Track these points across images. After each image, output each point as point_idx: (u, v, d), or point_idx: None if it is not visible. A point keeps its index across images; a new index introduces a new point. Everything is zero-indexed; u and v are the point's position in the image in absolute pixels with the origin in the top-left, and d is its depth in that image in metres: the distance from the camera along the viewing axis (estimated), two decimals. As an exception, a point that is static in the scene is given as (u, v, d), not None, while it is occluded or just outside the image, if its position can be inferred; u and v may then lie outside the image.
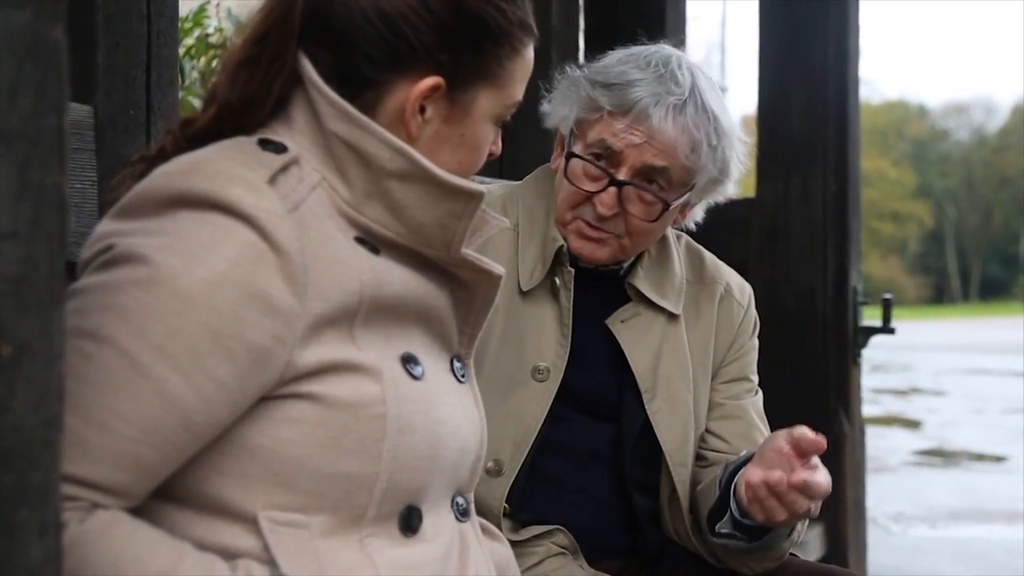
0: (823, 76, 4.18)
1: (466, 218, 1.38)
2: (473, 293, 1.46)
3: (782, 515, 1.80)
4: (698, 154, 1.96)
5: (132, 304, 1.19)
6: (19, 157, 0.90)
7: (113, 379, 1.17)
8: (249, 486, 1.26)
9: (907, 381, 16.97)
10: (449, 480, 1.40)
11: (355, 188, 1.35)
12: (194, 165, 1.28)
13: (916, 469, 9.26)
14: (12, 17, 0.89)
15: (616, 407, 2.07)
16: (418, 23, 1.35)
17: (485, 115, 1.42)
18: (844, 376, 4.16)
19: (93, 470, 1.17)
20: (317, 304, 1.25)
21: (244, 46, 1.39)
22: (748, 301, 2.18)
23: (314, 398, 1.26)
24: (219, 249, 1.21)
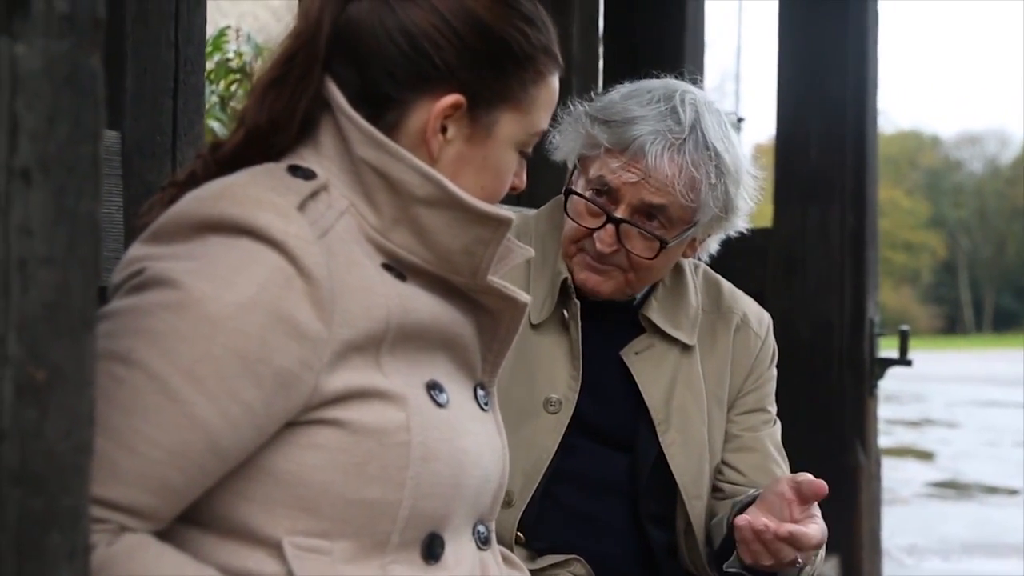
0: (841, 107, 4.19)
1: (493, 245, 1.38)
2: (498, 321, 1.47)
3: (767, 560, 1.81)
4: (697, 192, 1.95)
5: (162, 328, 1.20)
6: (56, 184, 0.91)
7: (142, 402, 1.17)
8: (273, 511, 1.26)
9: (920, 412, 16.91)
10: (471, 508, 1.40)
11: (383, 214, 1.35)
12: (225, 191, 1.29)
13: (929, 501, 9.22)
14: (52, 46, 0.90)
15: (630, 438, 2.07)
16: (441, 42, 1.36)
17: (508, 140, 1.42)
18: (860, 408, 4.15)
19: (121, 493, 1.17)
20: (344, 330, 1.26)
21: (271, 68, 1.40)
22: (766, 331, 2.18)
23: (339, 424, 1.27)
24: (248, 274, 1.22)
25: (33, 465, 0.89)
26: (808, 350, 4.13)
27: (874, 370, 4.18)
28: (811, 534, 1.78)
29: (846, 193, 4.19)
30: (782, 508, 1.81)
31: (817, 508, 1.84)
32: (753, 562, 1.83)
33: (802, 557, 1.80)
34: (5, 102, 0.88)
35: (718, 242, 2.13)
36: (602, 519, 2.04)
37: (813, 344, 4.16)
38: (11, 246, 0.88)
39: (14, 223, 0.88)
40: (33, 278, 0.89)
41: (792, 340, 4.01)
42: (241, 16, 7.10)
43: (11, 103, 0.88)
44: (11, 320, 0.88)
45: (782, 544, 1.77)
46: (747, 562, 1.86)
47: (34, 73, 0.89)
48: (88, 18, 0.93)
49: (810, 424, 3.99)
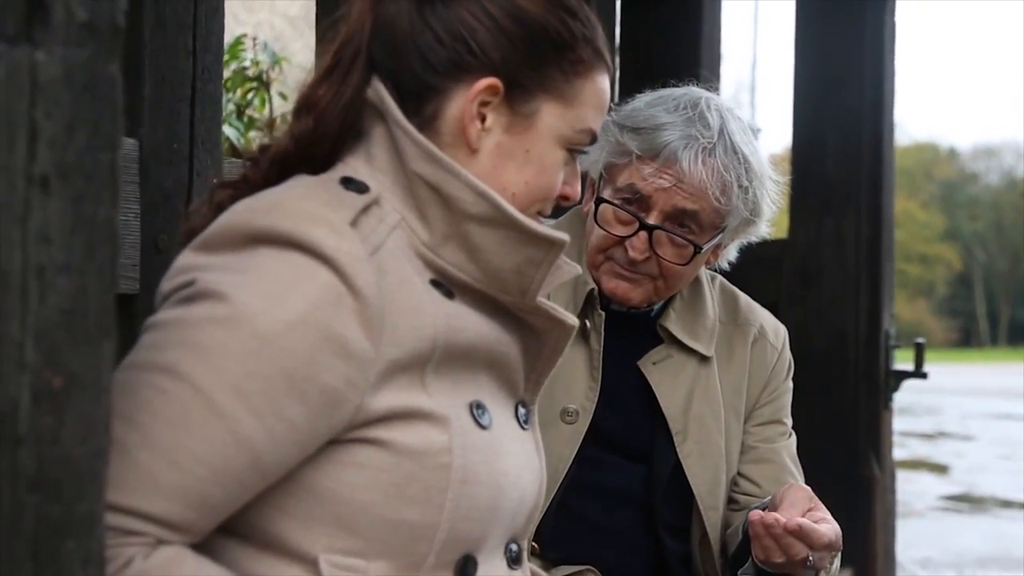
0: (858, 119, 4.18)
1: (545, 266, 1.37)
2: (543, 341, 1.46)
3: (779, 556, 1.81)
4: (728, 196, 1.96)
5: (210, 342, 1.18)
6: (74, 191, 0.91)
7: (187, 416, 1.16)
8: (311, 528, 1.25)
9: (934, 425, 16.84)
10: (506, 528, 1.39)
11: (434, 230, 1.34)
12: (278, 203, 1.28)
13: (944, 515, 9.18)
14: (71, 54, 0.91)
15: (647, 449, 2.06)
16: (477, 27, 1.35)
17: (550, 132, 1.40)
18: (875, 420, 4.13)
19: (161, 506, 1.15)
20: (392, 349, 1.25)
21: (318, 72, 1.40)
22: (782, 343, 2.18)
23: (381, 444, 1.26)
24: (299, 290, 1.21)
25: (49, 471, 0.90)
26: (823, 362, 4.12)
27: (889, 382, 4.17)
28: (822, 531, 1.78)
29: (862, 204, 4.18)
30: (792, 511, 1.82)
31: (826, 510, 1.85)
32: (765, 558, 1.83)
33: (814, 557, 1.80)
34: (24, 109, 0.89)
35: (737, 248, 2.12)
36: (618, 529, 2.04)
37: (828, 356, 4.15)
38: (29, 253, 0.89)
39: (32, 230, 0.89)
40: (51, 285, 0.90)
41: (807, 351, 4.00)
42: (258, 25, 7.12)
43: (30, 111, 0.89)
44: (28, 327, 0.89)
45: (793, 540, 1.77)
46: (759, 558, 1.85)
47: (53, 81, 0.90)
48: (107, 26, 0.93)
49: (825, 436, 3.98)
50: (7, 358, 0.87)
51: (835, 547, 1.82)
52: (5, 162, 0.87)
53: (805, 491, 1.88)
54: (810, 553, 1.79)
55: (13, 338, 0.88)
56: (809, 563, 1.81)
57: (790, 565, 1.82)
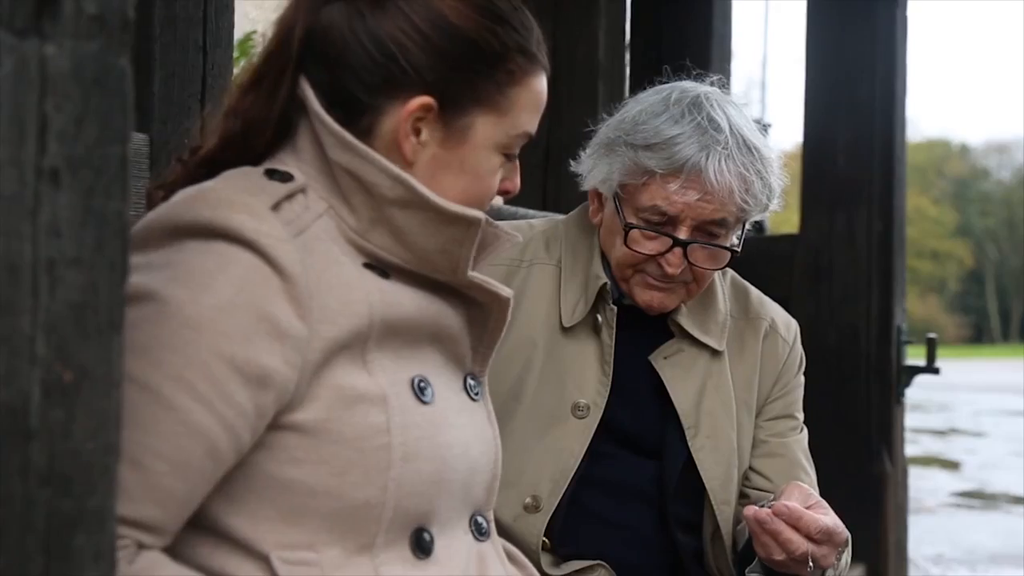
0: (870, 113, 4.16)
1: (468, 244, 1.38)
2: (487, 312, 1.47)
3: (779, 553, 1.80)
4: (753, 192, 1.95)
5: (147, 340, 1.20)
6: (84, 185, 0.91)
7: (138, 415, 1.17)
8: (258, 524, 1.27)
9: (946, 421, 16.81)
10: (461, 501, 1.40)
11: (360, 216, 1.36)
12: (197, 195, 1.30)
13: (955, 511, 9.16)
14: (81, 47, 0.90)
15: (659, 444, 2.06)
16: (408, 45, 1.36)
17: (486, 142, 1.41)
18: (887, 416, 4.12)
19: (133, 509, 1.17)
20: (325, 327, 1.26)
21: (248, 72, 1.42)
22: (794, 337, 2.17)
23: (318, 433, 1.27)
24: (224, 276, 1.23)
25: (61, 466, 0.89)
26: (835, 357, 4.10)
27: (901, 378, 4.16)
28: (815, 516, 1.78)
29: (874, 199, 4.16)
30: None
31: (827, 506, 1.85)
32: (766, 556, 1.83)
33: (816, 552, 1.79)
34: (34, 103, 0.88)
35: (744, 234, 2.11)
36: (629, 525, 2.04)
37: (840, 351, 4.14)
38: (39, 247, 0.88)
39: (42, 224, 0.88)
40: (61, 279, 0.89)
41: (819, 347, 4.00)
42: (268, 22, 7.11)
43: (40, 104, 0.89)
44: (39, 321, 0.88)
45: (789, 531, 1.77)
46: (761, 556, 1.85)
47: (63, 74, 0.90)
48: (117, 19, 0.93)
49: (836, 432, 3.97)
50: (18, 352, 0.87)
51: (836, 540, 1.81)
52: (15, 155, 0.87)
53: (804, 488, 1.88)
54: (811, 547, 1.78)
55: (24, 332, 0.87)
56: (810, 563, 1.80)
57: (793, 564, 1.81)
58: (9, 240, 0.87)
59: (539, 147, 3.43)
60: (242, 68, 1.48)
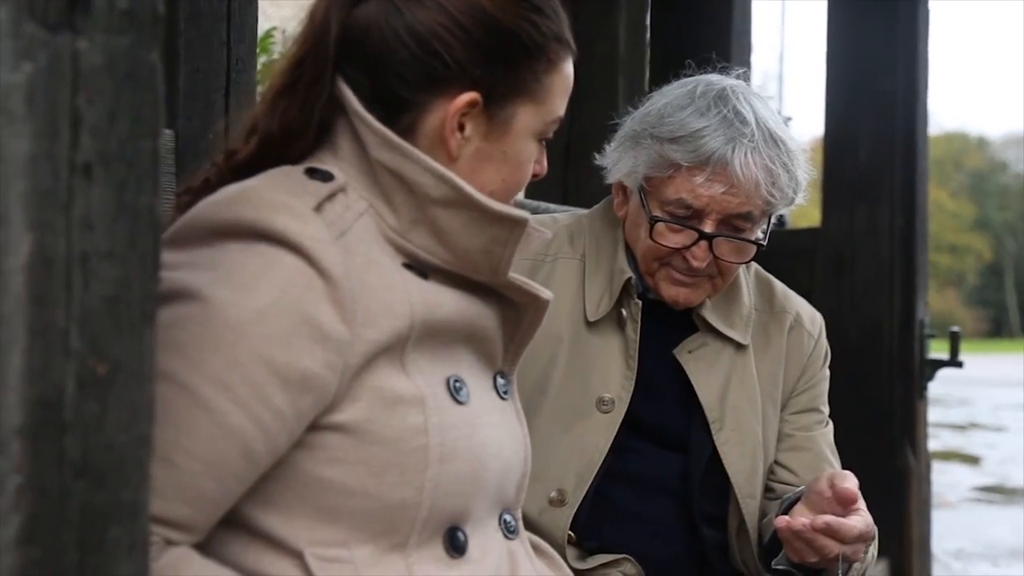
0: (891, 108, 4.15)
1: (511, 244, 1.38)
2: (522, 313, 1.46)
3: (812, 557, 1.80)
4: (779, 186, 1.95)
5: (188, 339, 1.20)
6: (116, 179, 0.91)
7: (175, 414, 1.17)
8: (292, 521, 1.27)
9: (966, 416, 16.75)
10: (493, 499, 1.40)
11: (401, 215, 1.35)
12: (240, 195, 1.29)
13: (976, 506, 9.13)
14: (112, 42, 0.91)
15: (684, 438, 2.06)
16: (451, 41, 1.35)
17: (526, 131, 1.41)
18: (910, 410, 4.11)
19: (161, 506, 1.16)
20: (367, 330, 1.26)
21: (282, 75, 1.40)
22: (819, 331, 2.17)
23: (357, 433, 1.27)
24: (267, 278, 1.22)
25: (94, 458, 0.90)
26: (857, 351, 4.09)
27: (924, 371, 4.15)
28: (851, 524, 1.77)
29: (895, 193, 4.15)
30: (823, 505, 1.81)
31: (862, 501, 1.83)
32: (798, 560, 1.83)
33: (848, 551, 1.79)
34: (67, 97, 0.88)
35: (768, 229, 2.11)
36: (654, 519, 2.03)
37: (862, 345, 4.12)
38: (73, 240, 0.88)
39: (76, 218, 0.89)
40: (94, 272, 0.90)
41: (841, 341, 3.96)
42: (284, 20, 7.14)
43: (73, 99, 0.89)
44: (73, 314, 0.89)
45: (824, 539, 1.77)
46: (794, 560, 1.85)
47: (95, 68, 0.90)
48: (148, 13, 0.93)
49: (859, 426, 3.95)
50: (52, 345, 0.87)
51: (866, 537, 1.81)
52: (49, 150, 0.87)
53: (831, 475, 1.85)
54: (844, 549, 1.78)
55: (58, 325, 0.88)
56: (843, 558, 1.80)
57: (824, 562, 1.81)
58: (43, 234, 0.87)
59: (559, 141, 3.43)
60: (272, 70, 1.46)
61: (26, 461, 0.86)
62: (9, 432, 0.86)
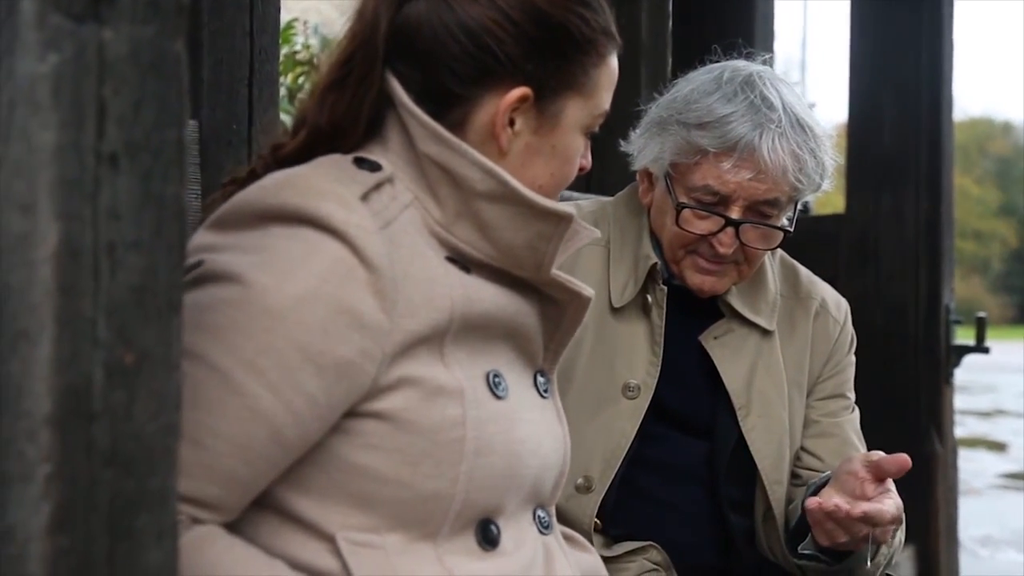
0: (916, 92, 4.12)
1: (556, 240, 1.38)
2: (563, 311, 1.46)
3: (842, 537, 1.80)
4: (806, 172, 1.94)
5: (224, 322, 1.20)
6: (142, 168, 0.91)
7: (206, 396, 1.18)
8: (326, 505, 1.27)
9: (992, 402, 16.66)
10: (528, 495, 1.40)
11: (446, 208, 1.35)
12: (288, 180, 1.29)
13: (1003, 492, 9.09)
14: (137, 32, 0.91)
15: (709, 424, 2.05)
16: (502, 36, 1.35)
17: (574, 125, 1.41)
18: (936, 396, 4.09)
19: (188, 485, 1.16)
20: (407, 321, 1.26)
21: (331, 70, 1.40)
22: (844, 317, 2.16)
23: (395, 421, 1.27)
24: (309, 265, 1.22)
25: (123, 447, 0.90)
26: (882, 337, 4.07)
27: (950, 357, 4.12)
28: (885, 509, 1.77)
29: (920, 178, 4.13)
30: (855, 487, 1.80)
31: (891, 483, 1.82)
32: (829, 542, 1.82)
33: (878, 532, 1.78)
34: (93, 88, 0.89)
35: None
36: (681, 506, 2.03)
37: (888, 331, 4.10)
38: (100, 230, 0.89)
39: (103, 207, 0.89)
40: (121, 262, 0.90)
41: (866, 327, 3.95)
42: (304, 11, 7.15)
43: (99, 89, 0.89)
44: (100, 304, 0.89)
45: (857, 523, 1.76)
46: (822, 544, 1.84)
47: (121, 59, 0.90)
48: (172, 4, 0.94)
49: (885, 412, 3.93)
50: (80, 335, 0.88)
51: (897, 520, 1.80)
52: (75, 140, 0.88)
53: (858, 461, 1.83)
54: (874, 531, 1.78)
55: (86, 315, 0.88)
56: (873, 539, 1.80)
57: (853, 542, 1.81)
58: (70, 224, 0.87)
59: (582, 129, 3.41)
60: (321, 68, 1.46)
61: (55, 450, 0.87)
62: (38, 421, 0.87)
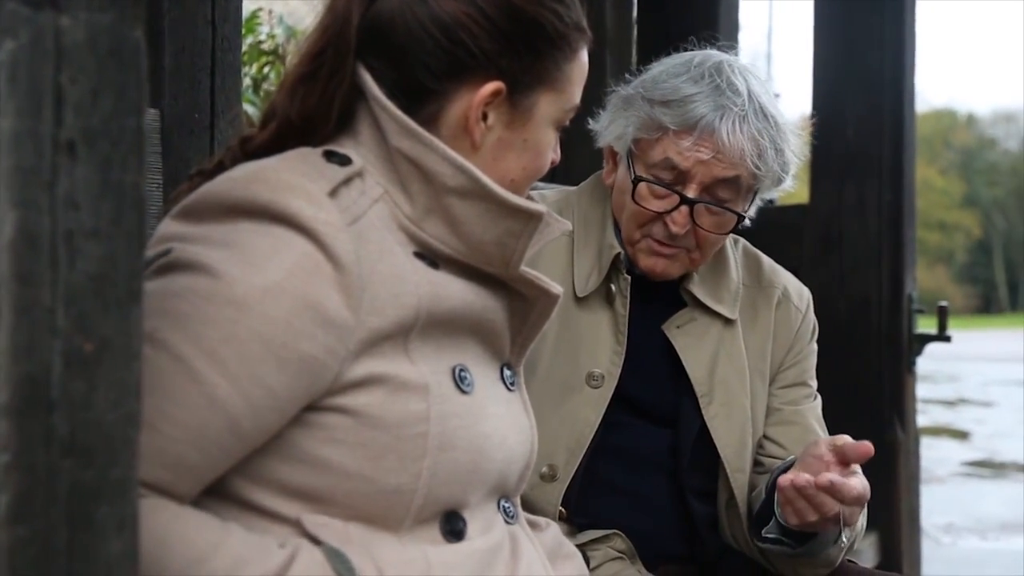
0: (879, 85, 4.15)
1: (525, 237, 1.39)
2: (530, 305, 1.47)
3: (812, 516, 1.80)
4: (765, 160, 1.95)
5: (189, 310, 1.20)
6: (101, 157, 0.91)
7: (164, 382, 1.18)
8: (286, 497, 1.27)
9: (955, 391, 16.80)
10: (493, 488, 1.41)
11: (416, 203, 1.35)
12: (258, 173, 1.29)
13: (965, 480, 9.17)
14: (95, 19, 0.90)
15: (673, 413, 2.06)
16: (476, 30, 1.35)
17: (546, 119, 1.42)
18: (899, 384, 4.12)
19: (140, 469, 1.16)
20: (373, 318, 1.26)
21: (301, 62, 1.40)
22: (806, 305, 2.17)
23: (358, 415, 1.27)
24: (277, 259, 1.22)
25: (82, 436, 0.90)
26: (846, 326, 4.10)
27: (912, 346, 4.16)
28: (852, 484, 1.78)
29: (884, 169, 4.15)
30: (820, 470, 1.81)
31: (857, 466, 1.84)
32: (798, 521, 1.83)
33: (846, 512, 1.80)
34: (50, 75, 0.88)
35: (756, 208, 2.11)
36: (644, 494, 2.04)
37: (851, 320, 4.13)
38: (58, 219, 0.88)
39: (60, 196, 0.89)
40: (80, 251, 0.90)
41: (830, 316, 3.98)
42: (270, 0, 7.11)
43: (56, 76, 0.89)
44: (59, 292, 0.89)
45: (825, 497, 1.77)
46: (791, 523, 1.85)
47: (78, 46, 0.89)
48: (130, -9, 0.93)
49: (848, 400, 3.96)
50: (38, 324, 0.87)
51: (863, 499, 1.82)
52: (32, 128, 0.87)
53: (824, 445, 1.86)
54: (842, 509, 1.79)
55: (44, 304, 0.88)
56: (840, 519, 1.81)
57: (820, 523, 1.82)
58: (27, 212, 0.87)
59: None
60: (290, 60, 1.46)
61: (13, 439, 0.86)
62: (-4, 411, 0.86)
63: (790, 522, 1.85)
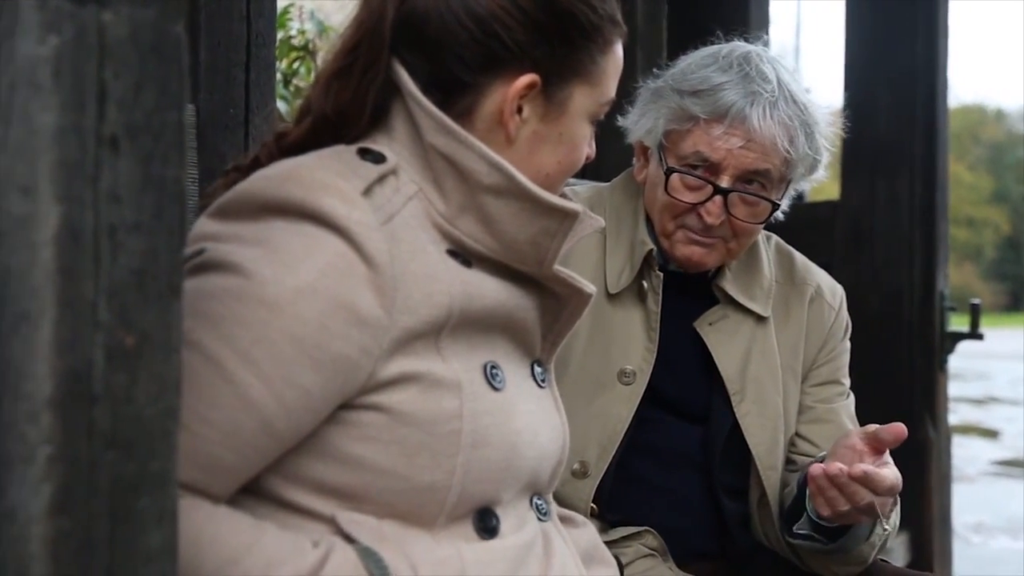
0: (911, 79, 4.13)
1: (560, 236, 1.38)
2: (563, 303, 1.46)
3: (843, 505, 1.80)
4: (796, 146, 1.94)
5: (222, 311, 1.20)
6: (143, 151, 0.92)
7: (197, 383, 1.17)
8: (321, 495, 1.28)
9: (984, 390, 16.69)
10: (525, 485, 1.40)
11: (451, 201, 1.35)
12: (292, 172, 1.29)
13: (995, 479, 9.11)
14: (137, 14, 0.91)
15: (704, 410, 2.06)
16: (510, 22, 1.35)
17: (581, 112, 1.41)
18: (930, 382, 4.10)
19: None
20: (406, 317, 1.26)
21: (336, 58, 1.40)
22: (839, 303, 2.16)
23: (391, 413, 1.27)
24: (310, 259, 1.22)
25: (124, 430, 0.91)
26: (877, 323, 4.08)
27: (944, 344, 4.13)
28: (884, 474, 1.78)
29: (916, 164, 4.13)
30: (853, 460, 1.81)
31: (889, 456, 1.84)
32: (830, 511, 1.82)
33: (878, 501, 1.79)
34: (93, 70, 0.89)
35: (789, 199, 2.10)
36: (676, 491, 2.04)
37: (882, 317, 4.11)
38: (100, 213, 0.89)
39: (103, 190, 0.89)
40: (122, 245, 0.90)
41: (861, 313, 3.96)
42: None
43: (99, 71, 0.89)
44: (101, 286, 0.89)
45: (857, 486, 1.77)
46: (822, 514, 1.85)
47: (121, 41, 0.90)
48: (172, -14, 0.93)
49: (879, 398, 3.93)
50: (81, 317, 0.88)
51: (895, 490, 1.81)
52: (76, 122, 0.88)
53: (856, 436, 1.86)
54: (875, 499, 1.78)
55: (86, 298, 0.88)
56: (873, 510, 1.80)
57: (852, 513, 1.82)
58: (71, 206, 0.88)
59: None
60: (325, 55, 1.46)
61: (56, 432, 0.87)
62: (39, 403, 0.87)
63: (822, 513, 1.84)
